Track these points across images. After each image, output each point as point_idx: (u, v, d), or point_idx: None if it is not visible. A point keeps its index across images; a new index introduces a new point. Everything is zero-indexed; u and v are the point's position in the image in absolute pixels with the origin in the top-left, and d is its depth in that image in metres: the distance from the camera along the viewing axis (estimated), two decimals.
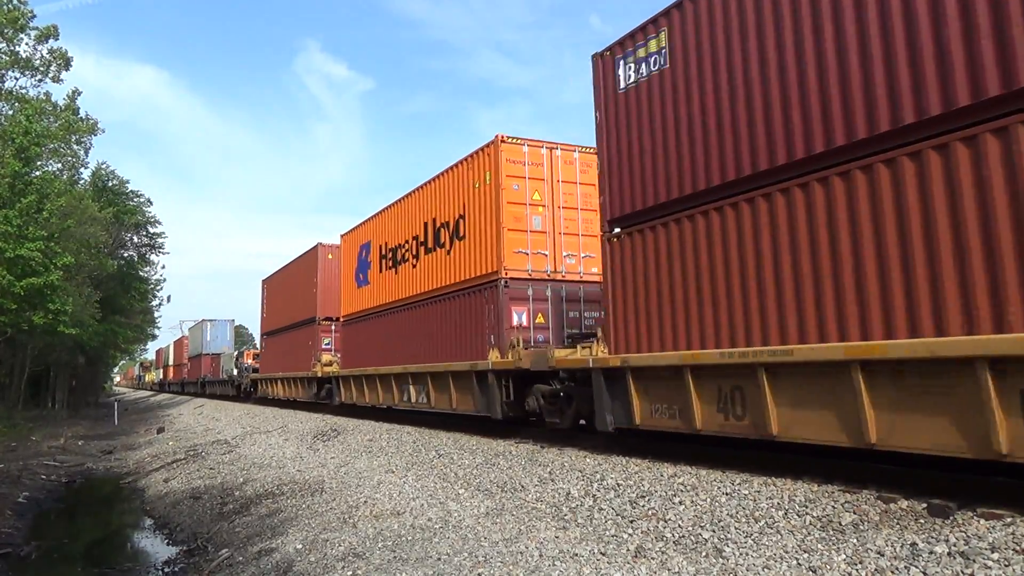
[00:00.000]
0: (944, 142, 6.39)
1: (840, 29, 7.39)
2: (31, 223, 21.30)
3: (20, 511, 13.77)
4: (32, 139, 22.47)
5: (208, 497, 13.01)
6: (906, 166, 6.68)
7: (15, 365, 31.42)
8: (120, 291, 41.66)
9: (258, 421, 24.96)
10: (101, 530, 13.36)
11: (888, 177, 6.85)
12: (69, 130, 29.73)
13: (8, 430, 24.25)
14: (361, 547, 7.74)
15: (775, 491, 7.14)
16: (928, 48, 6.59)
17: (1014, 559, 4.85)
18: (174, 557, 10.42)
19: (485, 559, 6.67)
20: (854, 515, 6.18)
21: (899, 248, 6.70)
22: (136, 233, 45.31)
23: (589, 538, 6.92)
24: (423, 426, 16.72)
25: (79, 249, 27.50)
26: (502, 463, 10.74)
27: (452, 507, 8.83)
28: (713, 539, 6.31)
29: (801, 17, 7.82)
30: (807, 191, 7.55)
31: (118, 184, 42.38)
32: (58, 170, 30.12)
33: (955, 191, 6.28)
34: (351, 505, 9.79)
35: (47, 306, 22.46)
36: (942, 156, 6.41)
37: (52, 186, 24.12)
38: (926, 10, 6.61)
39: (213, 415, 31.40)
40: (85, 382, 52.61)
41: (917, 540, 5.39)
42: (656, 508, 7.35)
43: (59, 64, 27.97)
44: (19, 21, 25.90)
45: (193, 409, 38.39)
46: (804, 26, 7.79)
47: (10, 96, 26.92)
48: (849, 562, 5.34)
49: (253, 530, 9.91)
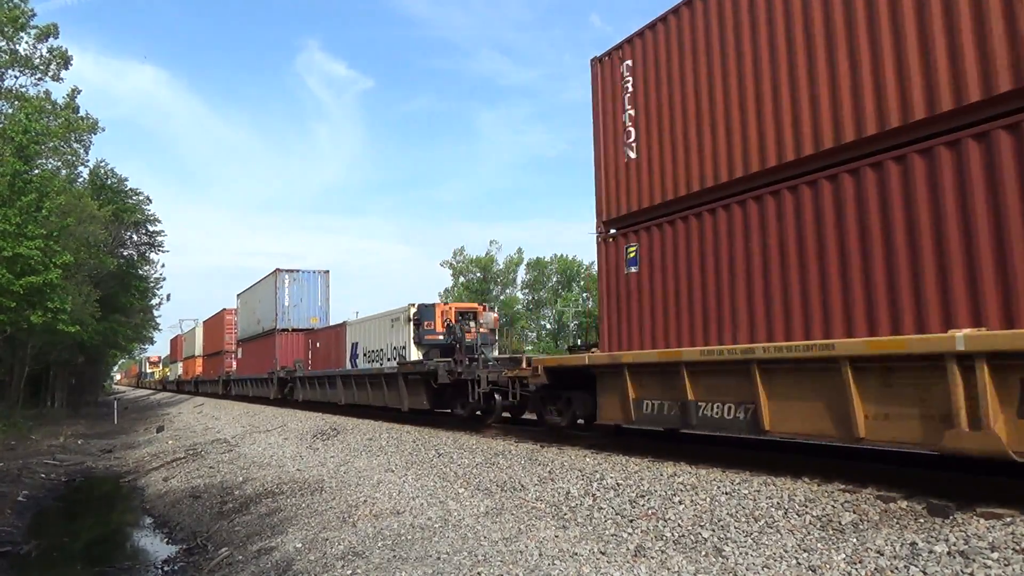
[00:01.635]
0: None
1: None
2: (30, 221, 21.29)
3: (20, 510, 13.78)
4: (31, 137, 22.45)
5: (208, 496, 13.02)
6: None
7: (15, 364, 31.40)
8: (120, 290, 41.60)
9: (258, 420, 24.96)
10: (101, 529, 13.36)
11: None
12: (69, 128, 29.71)
13: (8, 429, 24.25)
14: (361, 546, 7.74)
15: (775, 491, 7.14)
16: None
17: (1014, 559, 4.85)
18: (174, 556, 10.43)
19: (485, 558, 6.67)
20: (854, 515, 6.18)
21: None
22: (135, 231, 45.24)
23: (589, 537, 6.92)
24: (426, 426, 16.72)
25: (78, 247, 27.48)
26: (502, 462, 10.74)
27: (452, 506, 8.83)
28: (713, 538, 6.32)
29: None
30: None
31: (117, 182, 42.35)
32: (57, 168, 30.10)
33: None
34: (351, 504, 9.79)
35: (46, 304, 22.46)
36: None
37: (51, 184, 24.11)
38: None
39: (213, 414, 31.39)
40: (85, 381, 52.60)
41: (917, 540, 5.39)
42: (656, 507, 7.35)
43: (59, 63, 27.95)
44: (19, 20, 25.88)
45: (193, 408, 38.38)
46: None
47: (10, 95, 26.90)
48: (849, 561, 5.34)
49: (253, 529, 9.91)
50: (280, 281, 29.24)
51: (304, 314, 29.35)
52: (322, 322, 28.94)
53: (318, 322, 29.04)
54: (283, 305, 29.22)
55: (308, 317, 29.44)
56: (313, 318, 29.42)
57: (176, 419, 33.18)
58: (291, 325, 29.04)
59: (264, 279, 31.65)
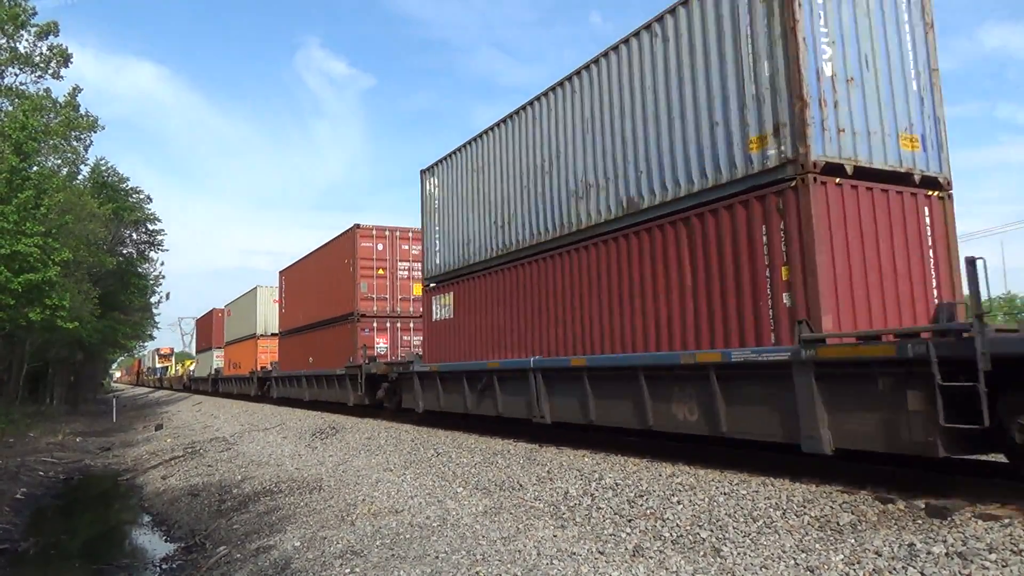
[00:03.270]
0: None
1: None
2: (29, 218, 21.26)
3: (18, 507, 13.77)
4: (29, 134, 22.42)
5: (206, 494, 13.01)
6: None
7: (13, 361, 31.39)
8: (119, 288, 41.61)
9: (256, 419, 24.96)
10: (99, 526, 13.35)
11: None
12: (69, 126, 29.69)
13: (6, 426, 24.22)
14: (359, 545, 7.73)
15: (773, 491, 7.14)
16: None
17: (1012, 560, 4.86)
18: (172, 554, 10.42)
19: (483, 557, 6.68)
20: (852, 515, 6.18)
21: None
22: (135, 230, 45.26)
23: (587, 537, 6.92)
24: (423, 424, 16.72)
25: (78, 245, 27.45)
26: (500, 462, 10.74)
27: (450, 505, 8.83)
28: (711, 539, 6.32)
29: None
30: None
31: (117, 180, 42.34)
32: (57, 166, 30.09)
33: None
34: (349, 503, 9.78)
35: (45, 302, 22.43)
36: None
37: (50, 182, 24.09)
38: None
39: (211, 412, 31.38)
40: (84, 379, 52.58)
41: (915, 541, 5.39)
42: (654, 507, 7.35)
43: (58, 61, 27.93)
44: (20, 18, 25.87)
45: (192, 406, 38.37)
46: None
47: (10, 92, 26.88)
48: (847, 562, 5.34)
49: (251, 527, 9.90)
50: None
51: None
52: None
53: None
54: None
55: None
56: None
57: (175, 417, 33.17)
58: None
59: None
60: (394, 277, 22.16)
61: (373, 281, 21.84)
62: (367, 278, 21.78)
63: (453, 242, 15.61)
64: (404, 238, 22.28)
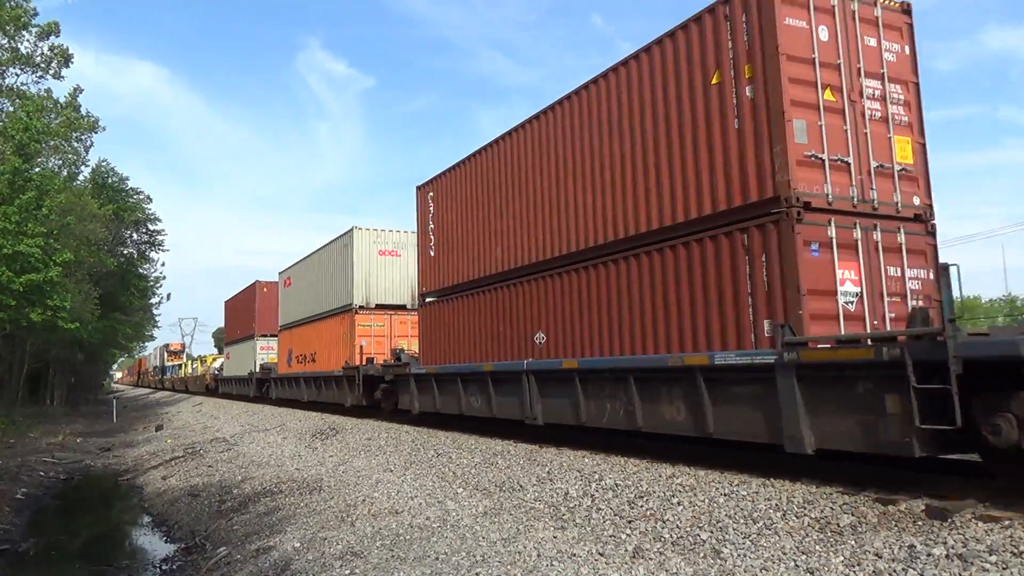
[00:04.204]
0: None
1: None
2: (30, 219, 21.28)
3: (18, 508, 13.78)
4: (32, 135, 22.44)
5: (206, 495, 13.01)
6: None
7: (14, 362, 31.38)
8: (120, 288, 41.62)
9: (257, 419, 24.95)
10: (99, 527, 13.35)
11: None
12: (70, 127, 29.69)
13: (7, 427, 24.24)
14: (359, 546, 7.73)
15: (773, 492, 7.14)
16: None
17: (1012, 562, 4.86)
18: (172, 555, 10.42)
19: (483, 559, 6.67)
20: (852, 517, 6.18)
21: None
22: (136, 230, 45.30)
23: (587, 538, 6.92)
24: (422, 425, 16.72)
25: (79, 246, 27.46)
26: (500, 462, 10.74)
27: (450, 506, 8.83)
28: (711, 540, 6.31)
29: None
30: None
31: (118, 181, 42.37)
32: (58, 167, 30.10)
33: None
34: (349, 504, 9.78)
35: (46, 302, 22.44)
36: None
37: (51, 183, 24.09)
38: None
39: (212, 413, 31.38)
40: (84, 379, 52.59)
41: (915, 542, 5.39)
42: (654, 508, 7.35)
43: (59, 61, 27.92)
44: (21, 19, 25.87)
45: (192, 407, 38.38)
46: None
47: (11, 93, 26.90)
48: (847, 564, 5.34)
49: (251, 528, 9.90)
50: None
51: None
52: None
53: None
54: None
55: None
56: None
57: (175, 418, 33.16)
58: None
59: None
60: None
61: None
62: None
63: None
64: None
